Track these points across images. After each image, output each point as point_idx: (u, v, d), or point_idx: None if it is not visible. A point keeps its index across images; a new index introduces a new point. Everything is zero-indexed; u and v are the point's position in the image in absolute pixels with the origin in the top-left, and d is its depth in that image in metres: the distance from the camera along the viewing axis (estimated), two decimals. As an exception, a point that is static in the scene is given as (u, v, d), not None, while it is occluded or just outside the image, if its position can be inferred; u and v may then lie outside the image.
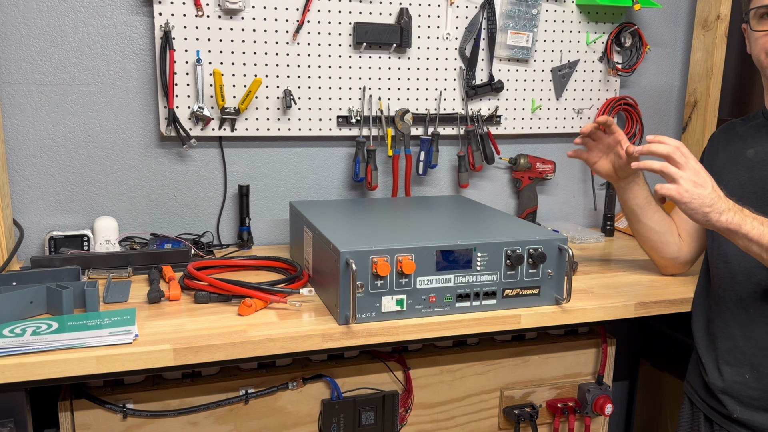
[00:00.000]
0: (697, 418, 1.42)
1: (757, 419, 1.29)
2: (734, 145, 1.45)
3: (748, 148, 1.40)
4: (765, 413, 1.28)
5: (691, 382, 1.46)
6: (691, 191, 1.20)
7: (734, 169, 1.40)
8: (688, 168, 1.22)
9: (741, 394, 1.31)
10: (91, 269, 1.59)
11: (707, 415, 1.39)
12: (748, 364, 1.31)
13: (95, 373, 1.18)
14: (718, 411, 1.36)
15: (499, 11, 2.01)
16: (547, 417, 1.73)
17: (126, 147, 1.82)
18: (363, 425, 1.54)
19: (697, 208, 1.20)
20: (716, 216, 1.20)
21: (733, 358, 1.33)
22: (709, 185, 1.21)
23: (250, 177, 1.93)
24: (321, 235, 1.44)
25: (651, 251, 1.65)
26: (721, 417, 1.35)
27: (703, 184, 1.20)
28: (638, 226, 1.61)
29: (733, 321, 1.34)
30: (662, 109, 2.34)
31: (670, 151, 1.23)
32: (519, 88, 2.10)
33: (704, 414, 1.40)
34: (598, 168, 1.60)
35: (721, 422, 1.35)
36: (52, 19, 1.70)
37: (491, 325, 1.42)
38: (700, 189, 1.20)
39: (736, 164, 1.40)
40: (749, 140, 1.42)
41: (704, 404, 1.40)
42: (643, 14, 2.20)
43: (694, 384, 1.45)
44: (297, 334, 1.29)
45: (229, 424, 1.46)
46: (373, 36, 1.89)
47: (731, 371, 1.33)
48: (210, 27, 1.77)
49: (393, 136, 1.97)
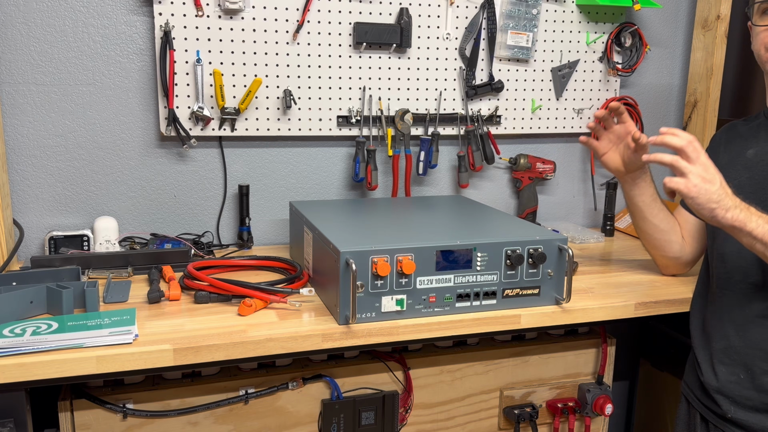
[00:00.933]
0: (694, 418, 1.43)
1: (751, 419, 1.29)
2: (735, 145, 1.45)
3: (749, 149, 1.40)
4: (759, 413, 1.29)
5: (688, 382, 1.47)
6: (699, 186, 1.20)
7: (734, 169, 1.40)
8: (699, 163, 1.22)
9: (735, 393, 1.31)
10: (91, 269, 1.59)
11: (703, 415, 1.39)
12: (742, 364, 1.31)
13: (95, 373, 1.18)
14: (713, 411, 1.36)
15: (499, 11, 2.01)
16: (547, 417, 1.73)
17: (126, 147, 1.82)
18: (363, 425, 1.54)
19: (704, 204, 1.20)
20: (722, 212, 1.19)
21: (728, 358, 1.34)
22: (718, 181, 1.21)
23: (250, 177, 1.93)
24: (321, 235, 1.44)
25: (653, 249, 1.65)
26: (716, 417, 1.36)
27: (711, 180, 1.20)
28: (642, 223, 1.61)
29: (728, 321, 1.35)
30: (662, 109, 2.34)
31: (684, 145, 1.23)
32: (519, 88, 2.10)
33: (700, 414, 1.40)
34: (606, 160, 1.59)
35: (716, 422, 1.35)
36: (52, 19, 1.70)
37: (491, 325, 1.42)
38: (708, 184, 1.20)
39: (736, 164, 1.40)
40: (750, 140, 1.42)
41: (700, 404, 1.40)
42: (643, 14, 2.20)
43: (690, 384, 1.45)
44: (297, 334, 1.29)
45: (229, 424, 1.46)
46: (373, 36, 1.89)
47: (726, 371, 1.33)
48: (210, 27, 1.77)
49: (393, 136, 1.97)
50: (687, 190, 1.20)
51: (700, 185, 1.20)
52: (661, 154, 1.28)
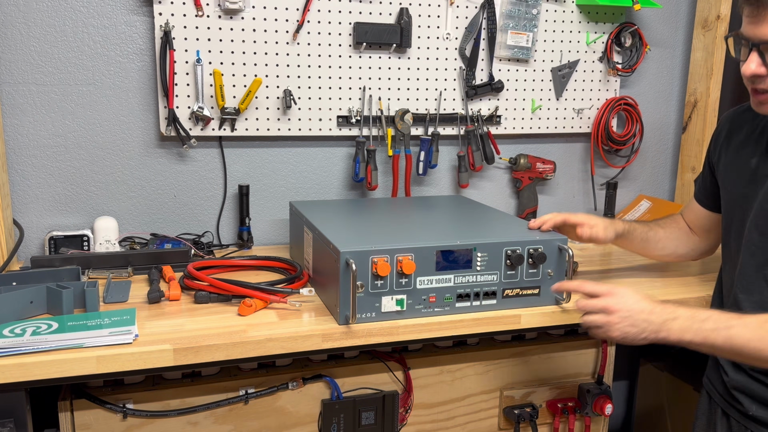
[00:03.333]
0: (715, 413, 1.43)
1: None
2: (737, 142, 1.42)
3: (752, 157, 1.37)
4: None
5: (710, 377, 1.47)
6: (624, 331, 1.24)
7: (738, 178, 1.38)
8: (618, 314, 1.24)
9: (755, 392, 1.31)
10: (91, 269, 1.59)
11: (724, 410, 1.40)
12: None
13: (95, 373, 1.18)
14: (735, 407, 1.36)
15: (499, 11, 2.01)
16: (547, 417, 1.73)
17: (126, 147, 1.82)
18: (363, 425, 1.54)
19: (635, 341, 1.24)
20: (653, 336, 1.23)
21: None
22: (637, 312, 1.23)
23: (250, 177, 1.93)
24: (321, 235, 1.44)
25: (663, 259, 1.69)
26: (737, 413, 1.36)
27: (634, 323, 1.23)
28: (647, 254, 1.66)
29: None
30: (662, 109, 2.34)
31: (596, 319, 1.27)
32: (519, 88, 2.10)
33: (722, 409, 1.41)
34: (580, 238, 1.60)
35: (738, 418, 1.36)
36: (52, 19, 1.70)
37: (491, 325, 1.42)
38: (632, 327, 1.23)
39: (740, 171, 1.37)
40: (750, 145, 1.39)
41: (722, 399, 1.41)
42: (643, 14, 2.20)
43: (712, 379, 1.45)
44: (297, 334, 1.29)
45: (229, 424, 1.46)
46: (373, 36, 1.89)
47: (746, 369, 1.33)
48: (210, 27, 1.77)
49: (393, 136, 1.97)
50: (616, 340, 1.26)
51: (624, 330, 1.24)
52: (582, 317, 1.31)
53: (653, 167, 2.37)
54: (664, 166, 2.39)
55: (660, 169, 2.39)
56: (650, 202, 2.24)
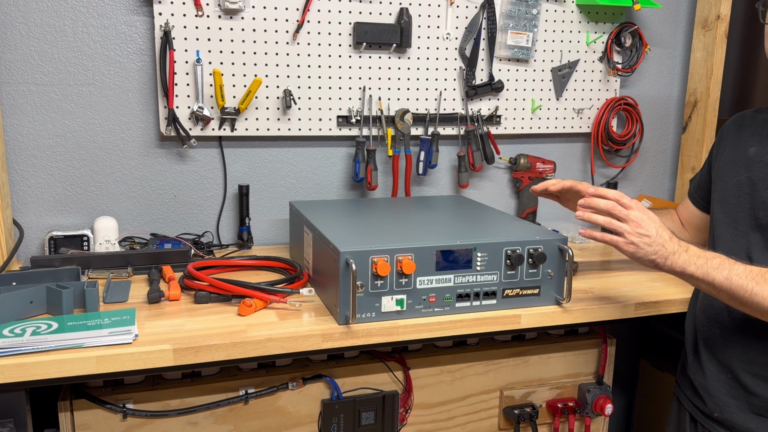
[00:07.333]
0: (683, 417, 1.45)
1: (735, 419, 1.31)
2: (740, 138, 1.44)
3: (751, 146, 1.39)
4: (743, 413, 1.30)
5: (679, 381, 1.49)
6: (635, 242, 1.24)
7: (735, 167, 1.40)
8: (630, 220, 1.25)
9: (721, 393, 1.34)
10: (91, 269, 1.59)
11: (692, 414, 1.42)
12: (727, 365, 1.33)
13: (95, 373, 1.18)
14: (701, 409, 1.39)
15: (499, 11, 2.01)
16: (547, 417, 1.73)
17: (126, 147, 1.82)
18: (363, 425, 1.54)
19: (643, 257, 1.25)
20: (661, 261, 1.24)
21: (715, 357, 1.35)
22: (653, 230, 1.24)
23: (250, 177, 1.93)
24: (321, 235, 1.44)
25: None
26: (703, 416, 1.38)
27: (646, 233, 1.24)
28: None
29: (714, 322, 1.36)
30: (662, 109, 2.34)
31: (609, 207, 1.27)
32: (519, 88, 2.10)
33: (689, 413, 1.43)
34: None
35: (703, 421, 1.38)
36: (52, 19, 1.70)
37: (491, 325, 1.42)
38: (644, 238, 1.23)
39: (737, 162, 1.40)
40: (753, 137, 1.41)
41: (689, 402, 1.43)
42: (643, 14, 2.20)
43: (681, 383, 1.48)
44: (297, 334, 1.29)
45: (229, 424, 1.46)
46: (373, 36, 1.89)
47: (713, 369, 1.35)
48: (210, 27, 1.77)
49: (393, 136, 1.97)
50: (625, 247, 1.25)
51: (636, 241, 1.24)
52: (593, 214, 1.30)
53: (653, 167, 2.37)
54: (664, 166, 2.39)
55: (660, 169, 2.39)
56: (650, 202, 2.24)
